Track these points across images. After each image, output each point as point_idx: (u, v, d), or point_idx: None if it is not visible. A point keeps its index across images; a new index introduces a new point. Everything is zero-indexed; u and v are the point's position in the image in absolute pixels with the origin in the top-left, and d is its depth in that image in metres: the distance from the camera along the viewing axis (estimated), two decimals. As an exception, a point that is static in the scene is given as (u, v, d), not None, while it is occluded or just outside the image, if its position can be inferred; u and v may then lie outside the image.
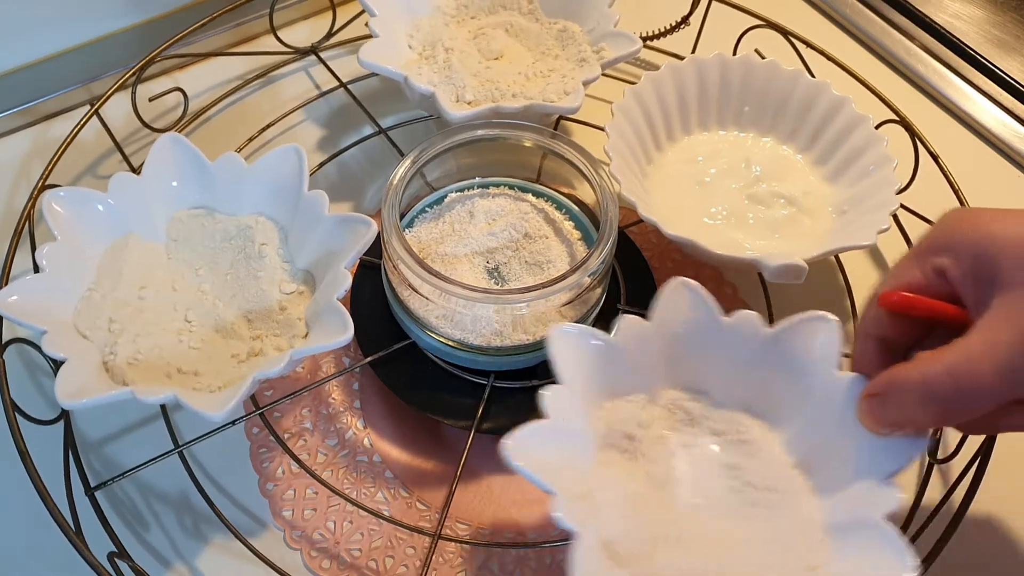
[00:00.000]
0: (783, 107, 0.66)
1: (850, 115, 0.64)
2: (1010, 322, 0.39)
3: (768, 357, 0.49)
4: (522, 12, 0.71)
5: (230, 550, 0.53)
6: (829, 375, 0.47)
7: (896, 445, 0.44)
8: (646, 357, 0.50)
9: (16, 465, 0.50)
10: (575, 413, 0.47)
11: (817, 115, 0.65)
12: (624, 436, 0.49)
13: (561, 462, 0.46)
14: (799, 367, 0.48)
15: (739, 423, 0.49)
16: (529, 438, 0.44)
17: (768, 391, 0.49)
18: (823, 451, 0.47)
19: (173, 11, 0.74)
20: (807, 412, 0.48)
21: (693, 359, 0.50)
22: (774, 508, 0.46)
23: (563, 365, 0.47)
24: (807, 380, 0.48)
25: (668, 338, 0.50)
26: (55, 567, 0.53)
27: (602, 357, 0.49)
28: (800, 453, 0.48)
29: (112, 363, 0.51)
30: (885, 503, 0.43)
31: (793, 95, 0.65)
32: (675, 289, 0.49)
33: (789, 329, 0.48)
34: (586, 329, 0.49)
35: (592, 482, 0.46)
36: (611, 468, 0.47)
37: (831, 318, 0.47)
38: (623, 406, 0.50)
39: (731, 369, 0.50)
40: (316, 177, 0.68)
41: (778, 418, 0.49)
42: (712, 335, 0.49)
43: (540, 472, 0.43)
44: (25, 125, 0.72)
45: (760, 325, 0.49)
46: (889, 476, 0.43)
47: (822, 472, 0.47)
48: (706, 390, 0.50)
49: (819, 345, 0.48)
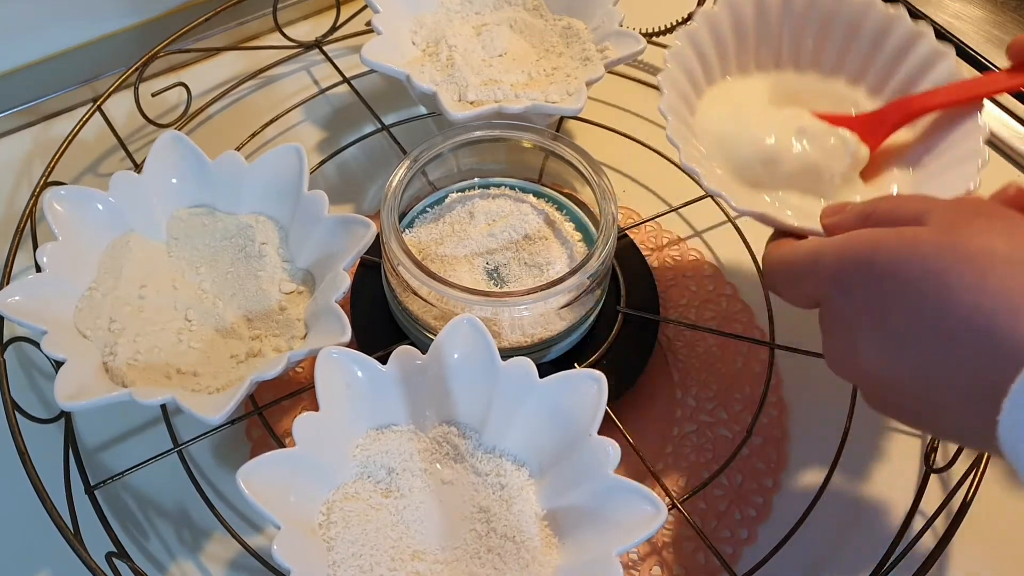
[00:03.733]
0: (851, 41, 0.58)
1: (928, 49, 0.56)
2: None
3: (538, 406, 0.49)
4: (527, 8, 0.71)
5: (229, 550, 0.53)
6: (587, 435, 0.47)
7: (633, 522, 0.44)
8: (419, 389, 0.50)
9: (16, 465, 0.50)
10: (329, 442, 0.48)
11: (890, 51, 0.57)
12: (383, 468, 0.49)
13: (301, 493, 0.46)
14: (563, 422, 0.48)
15: (501, 467, 0.49)
16: (269, 466, 0.45)
17: (534, 440, 0.49)
18: (572, 510, 0.47)
19: (174, 10, 0.74)
20: (564, 467, 0.48)
21: (468, 396, 0.50)
22: (507, 559, 0.46)
23: (325, 391, 0.47)
24: (568, 436, 0.48)
25: (444, 373, 0.49)
26: (54, 567, 0.53)
27: (370, 386, 0.49)
28: (552, 507, 0.48)
29: (112, 364, 0.51)
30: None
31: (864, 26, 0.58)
32: (457, 325, 0.49)
33: (562, 382, 0.48)
34: (356, 355, 0.49)
35: (334, 516, 0.46)
36: (358, 502, 0.47)
37: (600, 377, 0.47)
38: (388, 437, 0.50)
39: (503, 412, 0.49)
40: (317, 175, 0.68)
41: (540, 468, 0.49)
42: (488, 376, 0.49)
43: (272, 503, 0.43)
44: (27, 124, 0.73)
45: (534, 373, 0.49)
46: (619, 551, 0.43)
47: (568, 531, 0.47)
48: (477, 429, 0.50)
49: (587, 403, 0.48)
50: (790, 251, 0.45)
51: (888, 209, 0.42)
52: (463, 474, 0.49)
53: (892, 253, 0.39)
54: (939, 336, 0.37)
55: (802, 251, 0.44)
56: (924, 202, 0.41)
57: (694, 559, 0.54)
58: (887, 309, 0.39)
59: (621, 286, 0.60)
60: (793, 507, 0.54)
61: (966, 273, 0.36)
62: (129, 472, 0.53)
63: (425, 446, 0.50)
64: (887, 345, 0.39)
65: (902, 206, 0.42)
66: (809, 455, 0.57)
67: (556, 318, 0.53)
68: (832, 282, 0.42)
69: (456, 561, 0.47)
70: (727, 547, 0.54)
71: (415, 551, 0.47)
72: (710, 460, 0.57)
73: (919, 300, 0.37)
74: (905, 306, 0.38)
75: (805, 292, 0.45)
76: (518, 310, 0.52)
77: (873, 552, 0.51)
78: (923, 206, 0.41)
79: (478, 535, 0.47)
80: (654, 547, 0.54)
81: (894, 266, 0.38)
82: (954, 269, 0.36)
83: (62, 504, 0.50)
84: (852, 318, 0.41)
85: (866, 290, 0.40)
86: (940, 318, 0.37)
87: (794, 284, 0.45)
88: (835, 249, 0.42)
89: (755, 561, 0.52)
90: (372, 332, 0.58)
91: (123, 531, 0.54)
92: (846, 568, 0.53)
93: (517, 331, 0.53)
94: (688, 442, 0.58)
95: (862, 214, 0.44)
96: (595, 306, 0.56)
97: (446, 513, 0.48)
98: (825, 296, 0.43)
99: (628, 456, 0.49)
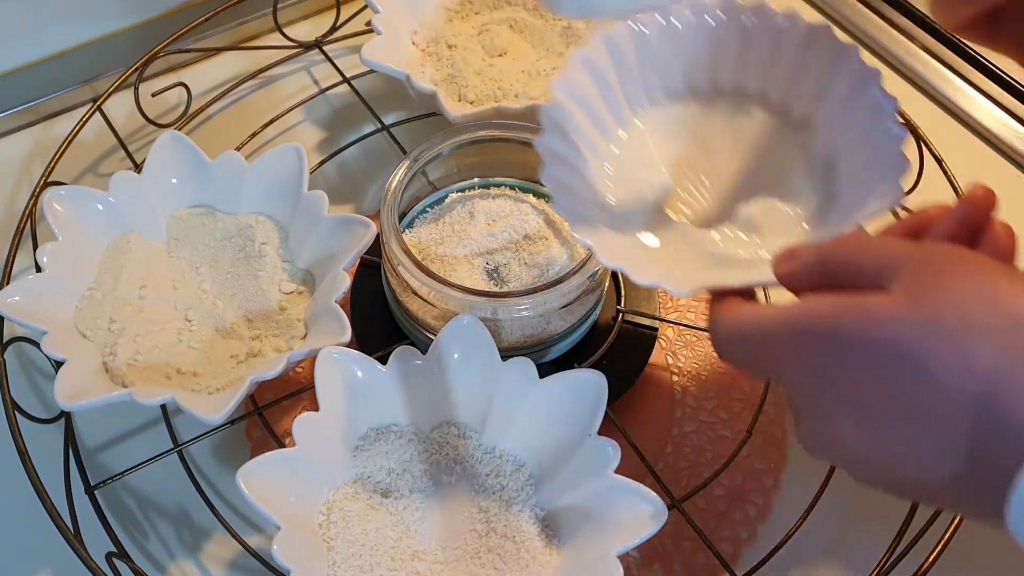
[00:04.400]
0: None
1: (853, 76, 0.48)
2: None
3: (538, 406, 0.49)
4: (527, 8, 0.71)
5: (229, 550, 0.53)
6: (587, 435, 0.47)
7: (633, 522, 0.44)
8: (419, 389, 0.50)
9: (16, 465, 0.50)
10: (329, 442, 0.48)
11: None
12: (383, 468, 0.49)
13: (302, 494, 0.46)
14: (563, 422, 0.48)
15: (501, 467, 0.49)
16: (269, 466, 0.45)
17: (534, 440, 0.49)
18: (572, 510, 0.47)
19: (174, 10, 0.74)
20: (564, 468, 0.48)
21: (467, 396, 0.50)
22: (507, 559, 0.46)
23: (325, 391, 0.48)
24: (568, 436, 0.48)
25: (444, 373, 0.49)
26: (54, 567, 0.53)
27: (370, 386, 0.49)
28: (552, 507, 0.48)
29: (112, 364, 0.51)
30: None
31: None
32: (457, 325, 0.49)
33: (561, 382, 0.48)
34: (356, 355, 0.49)
35: (334, 516, 0.47)
36: (358, 502, 0.47)
37: (600, 377, 0.47)
38: (388, 437, 0.50)
39: (503, 412, 0.49)
40: (317, 175, 0.68)
41: (540, 468, 0.49)
42: (488, 376, 0.49)
43: (272, 503, 0.44)
44: (27, 124, 0.73)
45: (534, 373, 0.49)
46: (619, 551, 0.43)
47: (568, 531, 0.47)
48: (477, 429, 0.50)
49: (587, 403, 0.48)
50: (736, 320, 0.40)
51: (845, 260, 0.38)
52: (463, 474, 0.49)
53: (857, 333, 0.34)
54: (922, 420, 0.33)
55: (751, 322, 0.39)
56: (884, 250, 0.37)
57: (694, 559, 0.54)
58: (859, 392, 0.35)
59: (621, 286, 0.60)
60: (793, 507, 0.54)
61: (944, 353, 0.32)
62: (129, 472, 0.53)
63: (425, 446, 0.50)
64: (864, 429, 0.35)
65: (861, 255, 0.37)
66: (809, 455, 0.57)
67: (556, 318, 0.53)
68: (792, 362, 0.37)
69: (456, 561, 0.47)
70: (727, 547, 0.54)
71: (415, 551, 0.47)
72: (710, 460, 0.57)
73: (894, 383, 0.34)
74: (879, 389, 0.34)
75: (763, 368, 0.41)
76: (518, 310, 0.52)
77: (873, 552, 0.51)
78: (884, 258, 0.36)
79: (478, 535, 0.47)
80: (654, 547, 0.54)
81: (862, 348, 0.34)
82: (930, 349, 0.33)
83: (62, 504, 0.50)
84: (821, 399, 0.37)
85: (833, 371, 0.35)
86: (921, 402, 0.33)
87: (750, 360, 0.40)
88: (791, 327, 0.37)
89: (755, 561, 0.51)
90: (372, 332, 0.58)
91: (123, 531, 0.54)
92: (846, 568, 0.54)
93: (517, 331, 0.53)
94: (688, 442, 0.58)
95: (818, 263, 0.39)
96: (595, 306, 0.56)
97: (446, 513, 0.48)
98: (786, 375, 0.38)
99: (628, 456, 0.49)
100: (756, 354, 0.39)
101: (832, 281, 0.37)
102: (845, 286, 0.37)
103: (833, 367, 0.35)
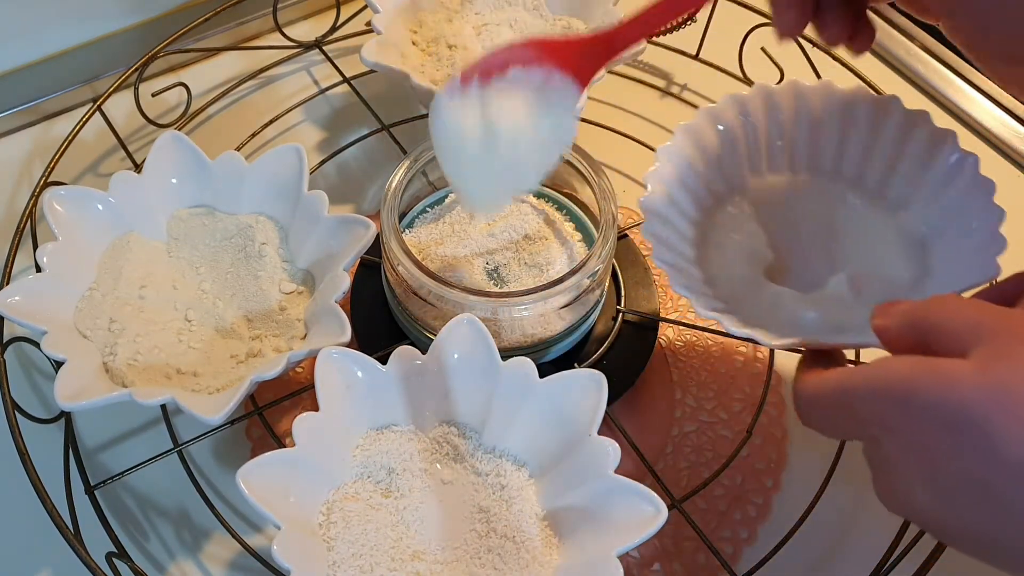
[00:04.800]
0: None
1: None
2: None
3: (538, 406, 0.49)
4: (527, 8, 0.71)
5: (229, 550, 0.53)
6: (587, 435, 0.47)
7: (633, 522, 0.44)
8: (419, 389, 0.50)
9: (16, 465, 0.50)
10: (329, 442, 0.48)
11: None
12: (383, 468, 0.49)
13: (302, 494, 0.46)
14: (563, 422, 0.48)
15: (501, 467, 0.49)
16: (269, 466, 0.45)
17: (534, 440, 0.49)
18: (572, 510, 0.47)
19: (174, 10, 0.74)
20: (564, 468, 0.48)
21: (467, 396, 0.50)
22: (507, 559, 0.46)
23: (325, 391, 0.47)
24: (568, 436, 0.48)
25: (444, 373, 0.49)
26: (54, 567, 0.53)
27: (370, 386, 0.49)
28: (552, 507, 0.48)
29: (112, 364, 0.51)
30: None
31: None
32: (457, 325, 0.49)
33: (561, 382, 0.48)
34: (356, 355, 0.49)
35: (334, 516, 0.47)
36: (358, 502, 0.47)
37: (600, 377, 0.47)
38: (388, 437, 0.50)
39: (503, 412, 0.49)
40: (317, 175, 0.68)
41: (540, 468, 0.49)
42: (488, 376, 0.49)
43: (272, 503, 0.44)
44: (27, 124, 0.73)
45: (534, 373, 0.49)
46: (619, 551, 0.43)
47: (568, 531, 0.47)
48: (477, 429, 0.50)
49: (587, 403, 0.48)
50: (818, 383, 0.40)
51: (937, 322, 0.37)
52: (463, 474, 0.49)
53: (929, 395, 0.34)
54: (990, 492, 0.33)
55: (832, 383, 0.39)
56: (976, 315, 0.36)
57: (694, 559, 0.54)
58: (929, 454, 0.35)
59: (621, 286, 0.60)
60: (793, 507, 0.54)
61: (1011, 424, 0.32)
62: (129, 472, 0.53)
63: (425, 446, 0.50)
64: (938, 494, 0.36)
65: (954, 319, 0.37)
66: (809, 455, 0.57)
67: (556, 318, 0.53)
68: (870, 422, 0.38)
69: (456, 561, 0.47)
70: (727, 547, 0.54)
71: (415, 551, 0.47)
72: (710, 460, 0.57)
73: (964, 451, 0.34)
74: (951, 455, 0.34)
75: (844, 430, 0.41)
76: (518, 310, 0.52)
77: (873, 552, 0.51)
78: (974, 324, 0.36)
79: (478, 535, 0.47)
80: (654, 547, 0.54)
81: (933, 411, 0.34)
82: (996, 419, 0.32)
83: (62, 504, 0.50)
84: (898, 460, 0.37)
85: (905, 431, 0.36)
86: (989, 472, 0.33)
87: (830, 420, 0.41)
88: (869, 384, 0.37)
89: (755, 561, 0.52)
90: (372, 332, 0.58)
91: (123, 531, 0.54)
92: (846, 568, 0.54)
93: (517, 331, 0.53)
94: (688, 442, 0.58)
95: (912, 321, 0.39)
96: (595, 306, 0.56)
97: (446, 513, 0.48)
98: (865, 435, 0.39)
99: (628, 456, 0.49)
100: (836, 412, 0.40)
101: (923, 339, 0.37)
102: (933, 346, 0.37)
103: (905, 428, 0.36)
